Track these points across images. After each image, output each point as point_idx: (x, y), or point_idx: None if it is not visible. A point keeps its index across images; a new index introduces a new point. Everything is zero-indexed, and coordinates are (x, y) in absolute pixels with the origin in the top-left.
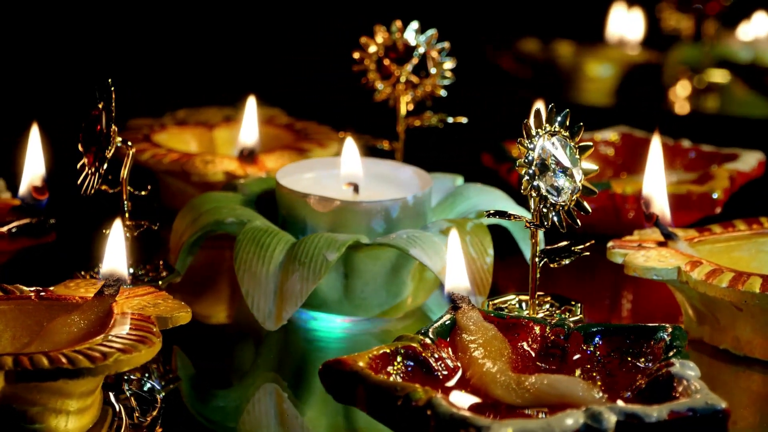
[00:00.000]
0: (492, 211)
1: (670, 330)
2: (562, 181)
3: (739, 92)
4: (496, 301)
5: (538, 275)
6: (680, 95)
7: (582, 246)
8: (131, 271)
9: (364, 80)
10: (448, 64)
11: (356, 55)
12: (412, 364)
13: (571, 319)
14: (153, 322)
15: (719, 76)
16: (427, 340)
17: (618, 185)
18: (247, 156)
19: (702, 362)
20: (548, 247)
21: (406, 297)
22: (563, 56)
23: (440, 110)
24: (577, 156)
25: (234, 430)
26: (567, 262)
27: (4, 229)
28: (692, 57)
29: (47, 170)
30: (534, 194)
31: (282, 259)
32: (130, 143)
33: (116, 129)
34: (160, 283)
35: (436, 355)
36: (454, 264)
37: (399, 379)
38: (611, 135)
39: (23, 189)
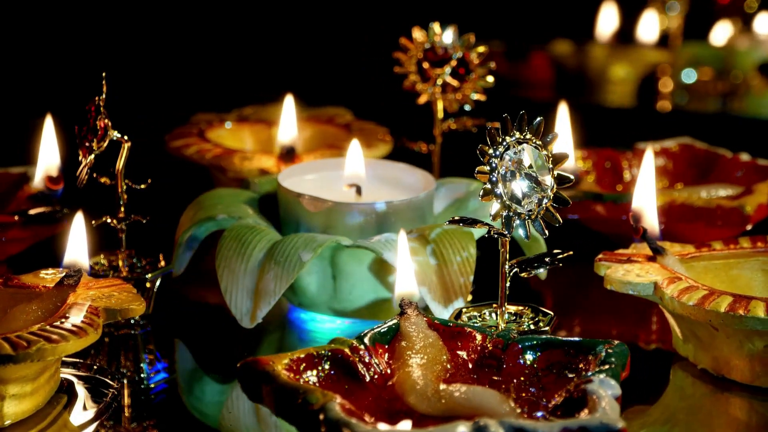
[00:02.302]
0: (457, 218)
1: (609, 346)
2: (527, 190)
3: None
4: (470, 309)
5: (507, 284)
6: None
7: (556, 257)
8: (134, 261)
9: (407, 82)
10: (487, 68)
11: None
12: (335, 367)
13: (522, 331)
14: (98, 313)
15: (750, 77)
16: (360, 345)
17: None
18: (286, 154)
19: (685, 383)
20: (522, 257)
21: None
22: (595, 58)
23: (479, 114)
24: (550, 165)
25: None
26: (539, 272)
27: (16, 217)
28: (709, 58)
29: (63, 161)
30: (496, 202)
31: (261, 258)
32: (126, 137)
33: (109, 123)
34: (149, 276)
35: (366, 360)
36: (403, 270)
37: (321, 381)
38: (671, 145)
39: (38, 179)
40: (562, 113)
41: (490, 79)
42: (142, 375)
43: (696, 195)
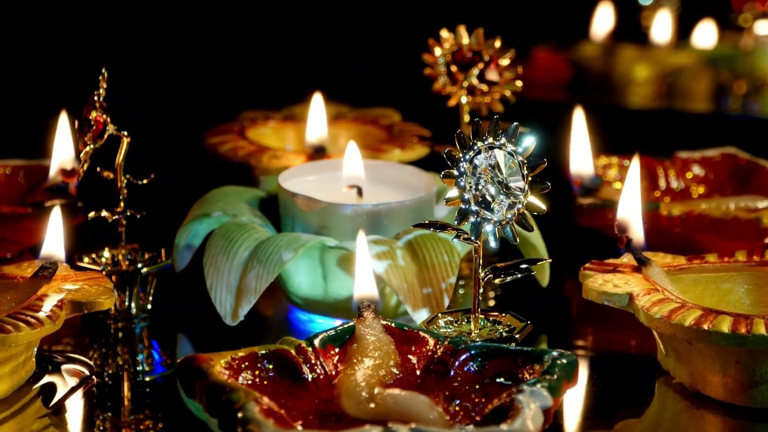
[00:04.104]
0: (427, 222)
1: (555, 356)
2: (497, 196)
3: None
4: (448, 313)
5: (481, 290)
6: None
7: (533, 265)
8: (137, 255)
9: (437, 84)
10: (514, 73)
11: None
12: (278, 367)
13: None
14: (60, 305)
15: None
16: (308, 346)
17: (666, 207)
18: (315, 153)
19: (666, 398)
20: (497, 264)
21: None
22: (624, 59)
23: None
24: (525, 171)
25: None
26: (510, 279)
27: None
28: (730, 58)
29: (77, 155)
30: (463, 206)
31: (246, 256)
32: (125, 132)
33: (107, 118)
34: (144, 270)
35: (313, 361)
36: (362, 272)
37: (261, 381)
38: (714, 154)
39: (53, 172)
40: (578, 118)
41: (519, 83)
42: (138, 368)
43: (724, 206)
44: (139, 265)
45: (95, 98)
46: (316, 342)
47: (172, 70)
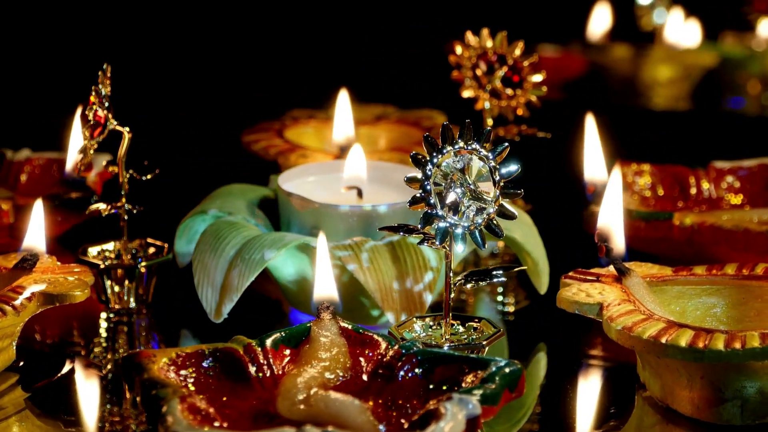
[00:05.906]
0: (396, 225)
1: (500, 364)
2: (465, 201)
3: None
4: (425, 317)
5: (452, 295)
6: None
7: (507, 271)
8: (141, 250)
9: (463, 87)
10: (537, 77)
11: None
12: (223, 365)
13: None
14: (30, 297)
15: None
16: (257, 346)
17: (679, 217)
18: (342, 153)
19: (643, 412)
20: (471, 269)
21: (368, 307)
22: (654, 60)
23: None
24: (497, 177)
25: None
26: (483, 283)
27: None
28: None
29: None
30: (429, 211)
31: (233, 254)
32: (127, 128)
33: (108, 115)
34: (141, 265)
35: (261, 361)
36: (322, 273)
37: (203, 378)
38: (751, 164)
39: (69, 166)
40: (591, 123)
41: (544, 88)
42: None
43: (748, 217)
44: (140, 259)
45: (93, 94)
46: (268, 342)
47: (224, 68)
